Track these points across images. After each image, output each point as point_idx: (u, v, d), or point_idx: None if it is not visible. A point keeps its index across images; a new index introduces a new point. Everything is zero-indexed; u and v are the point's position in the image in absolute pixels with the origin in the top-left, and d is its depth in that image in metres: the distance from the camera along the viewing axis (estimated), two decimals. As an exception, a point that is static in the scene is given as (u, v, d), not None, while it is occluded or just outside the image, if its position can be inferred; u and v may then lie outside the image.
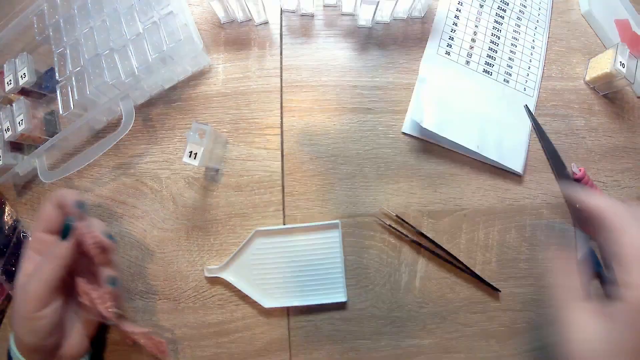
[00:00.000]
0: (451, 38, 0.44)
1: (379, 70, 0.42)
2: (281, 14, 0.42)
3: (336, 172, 0.40)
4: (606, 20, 0.46)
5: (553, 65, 0.45)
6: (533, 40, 0.45)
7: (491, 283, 0.39)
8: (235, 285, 0.37)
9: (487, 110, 0.42)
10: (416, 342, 0.38)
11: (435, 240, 0.39)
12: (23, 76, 0.39)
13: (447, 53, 0.43)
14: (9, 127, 0.38)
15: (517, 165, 0.41)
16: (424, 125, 0.39)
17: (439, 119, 0.39)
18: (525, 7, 0.46)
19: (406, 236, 0.39)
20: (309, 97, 0.41)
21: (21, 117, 0.37)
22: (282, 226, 0.38)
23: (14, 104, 0.38)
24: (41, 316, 0.30)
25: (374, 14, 0.40)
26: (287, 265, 0.38)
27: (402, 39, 0.43)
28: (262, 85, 0.41)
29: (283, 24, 0.42)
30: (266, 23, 0.42)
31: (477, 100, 0.42)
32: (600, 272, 0.39)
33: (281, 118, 0.40)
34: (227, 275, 0.37)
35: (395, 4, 0.39)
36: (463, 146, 0.40)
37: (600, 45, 0.46)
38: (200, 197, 0.39)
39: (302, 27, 0.42)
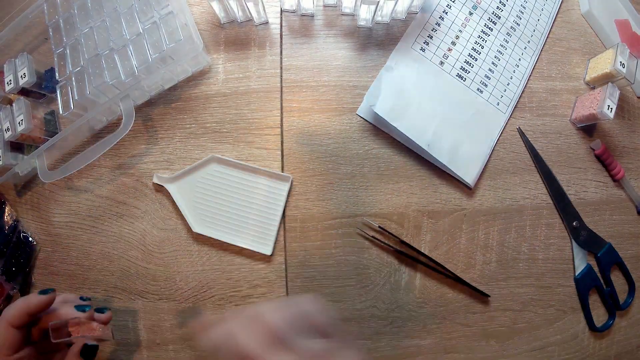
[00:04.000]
0: (430, 37, 0.42)
1: (378, 70, 0.42)
2: (281, 14, 0.42)
3: (336, 172, 0.40)
4: (606, 20, 0.45)
5: (553, 65, 0.45)
6: (519, 59, 0.44)
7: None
8: (175, 201, 0.38)
9: (449, 112, 0.41)
10: (416, 342, 0.38)
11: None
12: (23, 76, 0.39)
13: (422, 50, 0.42)
14: (9, 127, 0.38)
15: (468, 176, 0.39)
16: (375, 110, 0.38)
17: (393, 107, 0.39)
18: (519, 25, 0.45)
19: (389, 246, 0.39)
20: (309, 97, 0.41)
21: (21, 117, 0.37)
22: (238, 160, 0.39)
23: (14, 104, 0.38)
24: None
25: (374, 14, 0.40)
26: (229, 199, 0.38)
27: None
28: (262, 85, 0.41)
29: (283, 24, 0.42)
30: (266, 23, 0.42)
31: (442, 101, 0.41)
32: (599, 286, 0.40)
33: (281, 118, 0.40)
34: (172, 188, 0.38)
35: (395, 4, 0.39)
36: (413, 142, 0.39)
37: (600, 45, 0.46)
38: (200, 197, 0.39)
39: (302, 27, 0.42)
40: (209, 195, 0.38)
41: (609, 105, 0.39)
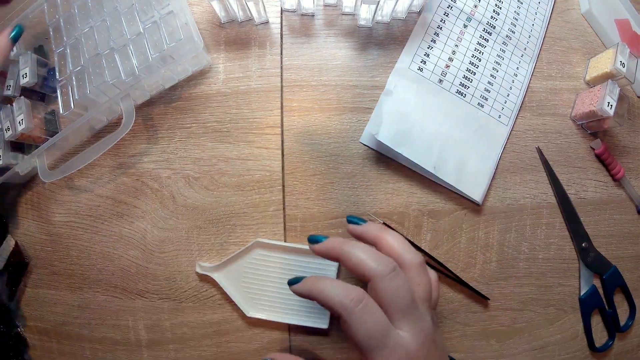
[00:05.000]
0: (427, 55, 0.42)
1: (379, 70, 0.42)
2: (281, 14, 0.43)
3: (336, 172, 0.40)
4: (606, 20, 0.45)
5: (553, 65, 0.45)
6: (517, 67, 0.43)
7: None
8: (224, 288, 0.37)
9: (452, 131, 0.40)
10: (416, 342, 0.38)
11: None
12: (24, 76, 0.39)
13: (420, 69, 0.41)
14: (9, 127, 0.38)
15: (475, 194, 0.39)
16: (379, 138, 0.38)
17: (396, 134, 0.38)
18: (514, 32, 0.44)
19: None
20: (309, 97, 0.41)
21: (21, 116, 0.37)
22: (283, 243, 0.38)
23: (14, 104, 0.38)
24: None
25: (374, 14, 0.40)
26: (278, 281, 0.37)
27: (402, 39, 0.43)
28: (263, 84, 0.41)
29: (283, 23, 0.42)
30: (266, 23, 0.42)
31: (443, 120, 0.40)
32: (602, 308, 0.40)
33: (281, 117, 0.40)
34: (218, 277, 0.37)
35: (396, 4, 0.39)
36: (419, 166, 0.38)
37: (600, 45, 0.46)
38: (200, 196, 0.39)
39: (303, 26, 0.42)
40: (257, 279, 0.38)
41: (608, 102, 0.39)
